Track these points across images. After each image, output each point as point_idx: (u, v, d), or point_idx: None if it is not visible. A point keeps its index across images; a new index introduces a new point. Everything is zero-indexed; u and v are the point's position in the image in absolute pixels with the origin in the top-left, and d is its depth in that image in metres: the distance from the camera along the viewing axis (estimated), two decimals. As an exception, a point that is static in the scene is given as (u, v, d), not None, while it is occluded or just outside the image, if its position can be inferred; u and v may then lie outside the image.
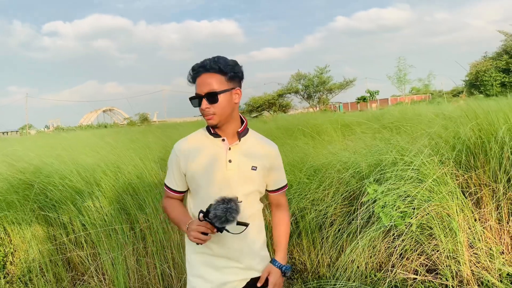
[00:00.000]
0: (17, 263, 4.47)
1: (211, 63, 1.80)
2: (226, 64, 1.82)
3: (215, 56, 1.84)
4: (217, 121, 1.84)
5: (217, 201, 1.64)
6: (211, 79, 1.80)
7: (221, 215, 1.60)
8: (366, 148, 3.97)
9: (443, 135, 3.78)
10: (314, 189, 3.58)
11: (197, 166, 1.89)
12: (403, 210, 3.03)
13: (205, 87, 1.80)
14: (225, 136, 1.90)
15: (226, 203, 1.62)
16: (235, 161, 1.87)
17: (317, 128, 8.52)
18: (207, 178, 1.87)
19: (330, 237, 3.41)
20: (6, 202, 4.64)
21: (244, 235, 1.84)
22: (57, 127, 60.77)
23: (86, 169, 4.82)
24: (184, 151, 1.93)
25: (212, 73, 1.81)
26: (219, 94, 1.80)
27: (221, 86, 1.81)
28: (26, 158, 5.93)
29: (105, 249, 3.83)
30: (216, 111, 1.81)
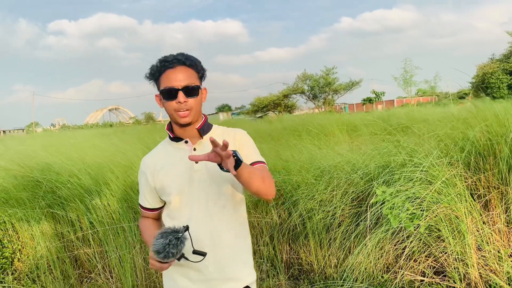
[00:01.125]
0: (24, 260, 4.50)
1: (184, 57, 1.72)
2: (198, 61, 1.76)
3: (183, 53, 1.75)
4: (191, 118, 1.72)
5: (158, 234, 1.55)
6: (188, 73, 1.71)
7: (159, 250, 1.51)
8: (374, 150, 3.97)
9: (452, 136, 3.77)
10: (322, 190, 3.58)
11: (164, 176, 1.79)
12: (411, 212, 3.03)
13: (183, 80, 1.68)
14: (188, 137, 1.78)
15: (165, 237, 1.52)
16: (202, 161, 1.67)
17: (323, 129, 8.52)
18: (176, 184, 1.77)
19: (337, 238, 3.41)
20: (15, 199, 4.68)
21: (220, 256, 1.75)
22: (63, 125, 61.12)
23: (94, 167, 4.85)
24: (149, 165, 1.84)
25: (187, 67, 1.72)
26: (198, 89, 1.73)
27: (196, 82, 1.73)
28: (34, 156, 5.97)
29: (112, 247, 3.85)
30: (193, 107, 1.71)
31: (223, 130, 1.87)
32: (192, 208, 1.76)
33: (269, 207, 3.94)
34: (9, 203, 4.67)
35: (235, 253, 1.81)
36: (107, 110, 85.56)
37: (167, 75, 1.70)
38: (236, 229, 1.83)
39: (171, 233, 1.53)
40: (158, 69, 1.72)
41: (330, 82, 42.90)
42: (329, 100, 44.48)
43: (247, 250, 1.89)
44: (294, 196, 3.64)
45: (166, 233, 1.53)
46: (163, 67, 1.70)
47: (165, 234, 1.53)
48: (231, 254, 1.79)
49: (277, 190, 3.91)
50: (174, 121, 1.76)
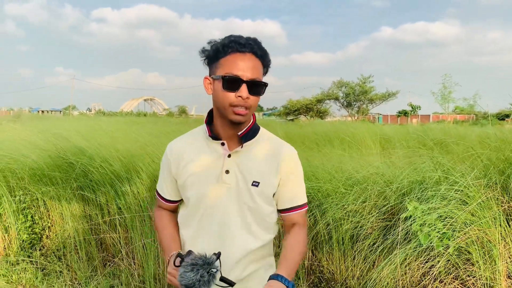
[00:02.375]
0: (53, 237, 4.64)
1: (258, 46, 1.43)
2: (267, 53, 1.48)
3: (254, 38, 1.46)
4: (247, 118, 1.45)
5: (186, 263, 1.33)
6: (257, 64, 1.43)
7: (188, 285, 1.29)
8: (409, 164, 3.88)
9: (493, 157, 3.64)
10: (352, 201, 3.53)
11: (188, 174, 1.53)
12: (442, 231, 2.95)
13: (251, 72, 1.39)
14: (226, 138, 1.50)
15: (195, 271, 1.30)
16: (233, 172, 1.48)
17: (355, 138, 8.40)
18: (197, 190, 1.51)
19: (363, 250, 3.35)
20: (49, 178, 4.82)
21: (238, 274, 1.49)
22: (99, 110, 62.71)
23: (126, 155, 4.94)
24: (177, 153, 1.57)
25: (256, 58, 1.43)
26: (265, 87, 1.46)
27: (262, 78, 1.46)
28: (70, 138, 6.14)
29: (138, 234, 3.92)
30: (252, 106, 1.43)
31: (270, 142, 1.57)
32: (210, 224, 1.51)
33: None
34: (43, 181, 4.82)
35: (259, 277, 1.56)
36: (143, 100, 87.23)
37: (235, 59, 1.40)
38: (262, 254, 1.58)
39: (203, 266, 1.31)
40: (224, 48, 1.41)
41: (366, 90, 42.35)
42: (363, 109, 43.92)
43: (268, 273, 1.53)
44: (324, 204, 3.60)
45: (197, 266, 1.31)
46: (232, 49, 1.40)
47: (195, 267, 1.31)
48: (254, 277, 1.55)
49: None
50: (224, 115, 1.45)
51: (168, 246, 1.56)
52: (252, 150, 1.52)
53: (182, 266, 1.33)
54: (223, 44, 1.41)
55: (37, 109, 77.43)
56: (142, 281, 3.73)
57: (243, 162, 1.50)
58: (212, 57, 1.46)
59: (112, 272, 4.02)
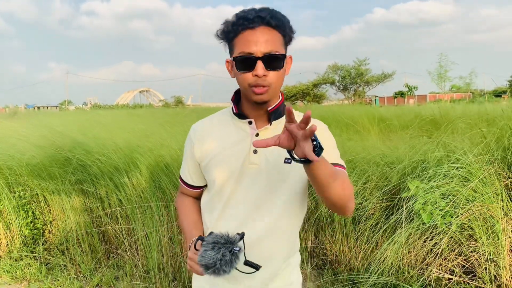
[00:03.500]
0: (55, 232, 4.64)
1: (270, 15, 1.31)
2: (286, 20, 1.35)
3: (267, 8, 1.34)
4: (269, 96, 1.35)
5: (207, 242, 1.23)
6: (273, 36, 1.31)
7: (208, 265, 1.20)
8: (409, 143, 3.87)
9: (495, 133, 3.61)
10: (353, 183, 3.52)
11: (213, 155, 1.44)
12: (444, 208, 2.95)
13: (265, 46, 1.29)
14: (254, 117, 1.42)
15: (217, 249, 1.20)
16: (262, 151, 1.38)
17: (353, 120, 8.39)
18: (223, 172, 1.42)
19: (366, 231, 3.35)
20: (47, 173, 4.80)
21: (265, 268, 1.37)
22: (95, 104, 62.44)
23: (124, 147, 4.92)
24: (200, 134, 1.50)
25: (272, 29, 1.32)
26: (283, 60, 1.34)
27: (282, 49, 1.35)
28: (67, 133, 6.11)
29: (139, 225, 3.92)
30: (274, 82, 1.33)
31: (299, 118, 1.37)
32: (239, 205, 1.43)
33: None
34: (41, 176, 4.80)
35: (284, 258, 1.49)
36: (138, 91, 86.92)
37: (246, 36, 1.31)
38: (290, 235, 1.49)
39: (225, 245, 1.21)
40: (234, 27, 1.33)
41: (362, 73, 42.25)
42: (360, 92, 43.85)
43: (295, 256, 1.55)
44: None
45: (219, 244, 1.22)
46: (241, 26, 1.31)
47: (217, 245, 1.21)
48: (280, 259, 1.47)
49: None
50: (247, 97, 1.38)
51: (189, 233, 1.49)
52: (280, 127, 1.39)
53: (203, 245, 1.23)
54: (232, 23, 1.33)
55: (33, 105, 77.16)
56: (146, 271, 3.74)
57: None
58: (226, 38, 1.39)
59: (116, 264, 4.03)
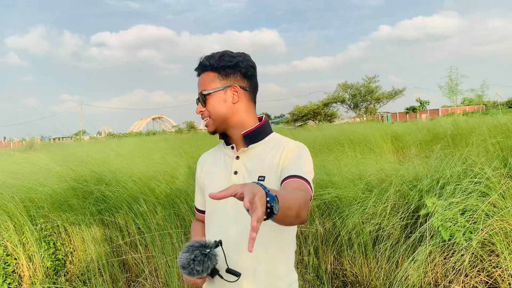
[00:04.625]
0: (76, 262, 4.69)
1: (204, 60, 1.57)
2: (220, 58, 1.54)
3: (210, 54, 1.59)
4: (213, 126, 1.57)
5: (184, 247, 1.42)
6: (203, 79, 1.58)
7: (184, 265, 1.37)
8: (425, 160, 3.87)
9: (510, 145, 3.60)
10: (372, 203, 3.52)
11: (206, 180, 1.68)
12: (464, 224, 2.93)
13: (199, 88, 1.58)
14: (234, 142, 1.61)
15: (190, 251, 1.38)
16: (240, 172, 1.55)
17: (366, 139, 8.39)
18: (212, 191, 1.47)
19: (386, 250, 3.34)
20: (68, 205, 4.89)
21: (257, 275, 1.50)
22: (109, 133, 63.23)
23: (141, 175, 5.00)
24: (201, 163, 1.75)
25: (206, 72, 1.57)
26: (207, 96, 1.55)
27: (212, 85, 1.54)
28: (84, 164, 6.22)
29: (159, 252, 3.95)
30: (212, 113, 1.55)
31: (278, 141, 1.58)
32: (225, 221, 1.56)
33: (313, 217, 3.91)
34: (62, 208, 4.89)
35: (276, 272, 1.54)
36: (151, 119, 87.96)
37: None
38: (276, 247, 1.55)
39: (198, 248, 1.40)
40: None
41: (372, 90, 42.24)
42: (371, 109, 43.77)
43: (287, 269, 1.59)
44: (343, 211, 3.60)
45: (193, 247, 1.40)
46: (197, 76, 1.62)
47: (191, 248, 1.40)
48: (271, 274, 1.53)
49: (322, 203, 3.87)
50: None
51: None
52: (258, 148, 1.57)
53: (181, 250, 1.41)
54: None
55: (48, 137, 78.34)
56: (168, 298, 3.75)
57: (250, 161, 1.55)
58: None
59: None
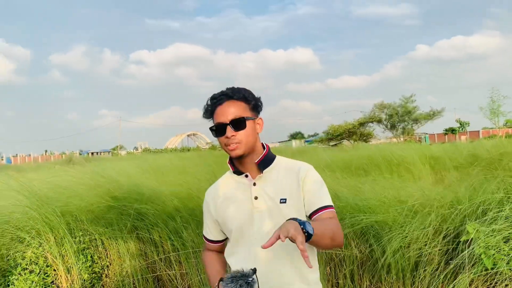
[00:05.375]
0: (111, 276, 4.77)
1: (233, 91, 1.71)
2: (248, 93, 1.75)
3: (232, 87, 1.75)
4: (242, 150, 1.69)
5: (226, 277, 1.52)
6: (236, 106, 1.70)
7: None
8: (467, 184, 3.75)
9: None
10: (414, 228, 3.42)
11: (225, 210, 1.78)
12: (508, 253, 2.80)
13: (230, 114, 1.68)
14: (248, 171, 1.76)
15: (235, 282, 1.48)
16: (261, 197, 1.71)
17: (403, 160, 8.20)
18: (236, 220, 1.74)
19: (426, 277, 3.23)
20: (105, 220, 5.01)
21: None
22: (145, 148, 64.66)
23: (177, 193, 5.07)
24: (212, 196, 1.85)
25: (235, 100, 1.71)
26: (247, 120, 1.69)
27: (246, 113, 1.71)
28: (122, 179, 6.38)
29: (193, 269, 3.97)
30: (242, 139, 1.67)
31: (286, 164, 1.80)
32: (252, 246, 1.70)
33: (348, 240, 3.84)
34: (99, 222, 5.01)
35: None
36: (186, 135, 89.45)
37: (217, 111, 1.71)
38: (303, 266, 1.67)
39: (241, 277, 1.49)
40: (210, 108, 1.74)
41: (410, 110, 41.48)
42: (409, 129, 42.90)
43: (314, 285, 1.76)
44: (381, 236, 3.51)
45: (236, 278, 1.49)
46: (214, 105, 1.72)
47: (235, 278, 1.49)
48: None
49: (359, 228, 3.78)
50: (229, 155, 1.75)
51: (212, 280, 1.81)
52: (273, 173, 1.75)
53: (224, 281, 1.50)
54: (208, 105, 1.75)
55: (87, 151, 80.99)
56: (201, 317, 3.75)
57: (268, 185, 1.72)
58: (208, 118, 1.77)
59: (170, 309, 4.07)
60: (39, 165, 27.77)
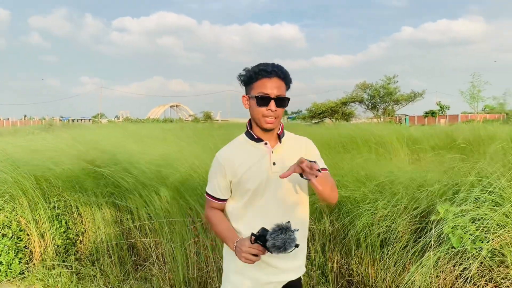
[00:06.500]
0: (86, 242, 4.77)
1: (281, 71, 1.89)
2: (289, 75, 1.94)
3: (277, 64, 1.92)
4: (276, 125, 1.92)
5: (274, 230, 1.66)
6: (281, 84, 1.89)
7: (280, 245, 1.63)
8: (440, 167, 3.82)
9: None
10: (382, 205, 3.49)
11: (243, 172, 1.94)
12: (475, 233, 2.89)
13: (277, 90, 1.87)
14: (267, 139, 1.97)
15: (284, 233, 1.64)
16: (278, 163, 1.94)
17: (382, 140, 8.30)
18: (255, 181, 1.93)
19: (394, 253, 3.31)
20: (81, 185, 4.97)
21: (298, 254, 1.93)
22: (126, 118, 63.85)
23: (154, 163, 5.04)
24: (229, 159, 1.98)
25: (281, 79, 1.90)
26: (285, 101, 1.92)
27: (285, 93, 1.94)
28: (100, 147, 6.31)
29: (167, 239, 3.99)
30: (279, 115, 1.91)
31: (295, 137, 2.09)
32: (268, 203, 1.94)
33: (322, 215, 3.90)
34: (75, 188, 4.97)
35: (301, 248, 1.97)
36: (169, 106, 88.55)
37: (264, 82, 1.87)
38: (303, 225, 2.04)
39: (287, 229, 1.64)
40: (255, 75, 1.88)
41: (391, 91, 41.76)
42: (389, 110, 43.30)
43: (305, 245, 2.11)
44: (352, 212, 3.58)
45: (284, 229, 1.64)
46: (261, 75, 1.87)
47: (284, 229, 1.64)
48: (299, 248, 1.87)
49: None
50: (259, 124, 1.94)
51: (229, 235, 1.95)
52: (287, 143, 2.01)
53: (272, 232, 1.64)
54: (255, 72, 1.89)
55: (68, 117, 79.65)
56: (173, 284, 3.79)
57: (284, 154, 1.96)
58: (247, 82, 1.95)
59: (144, 276, 4.10)
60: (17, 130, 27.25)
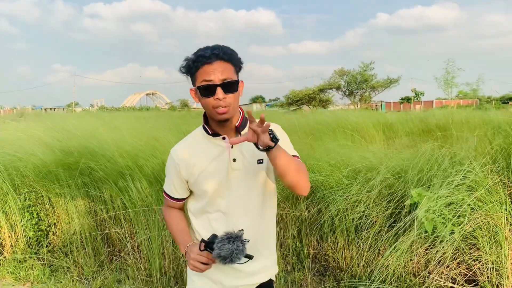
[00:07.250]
0: (59, 234, 4.66)
1: (223, 51, 1.62)
2: (235, 54, 1.67)
3: (219, 45, 1.66)
4: (230, 114, 1.64)
5: (222, 238, 1.54)
6: (226, 68, 1.62)
7: (227, 256, 1.52)
8: (413, 151, 3.86)
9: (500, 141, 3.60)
10: (356, 191, 3.51)
11: (200, 171, 1.73)
12: (447, 217, 2.94)
13: (221, 74, 1.59)
14: (225, 133, 1.72)
15: (232, 242, 1.53)
16: (239, 158, 1.71)
17: (358, 126, 8.37)
18: (214, 182, 1.72)
19: (369, 238, 3.35)
20: (53, 175, 4.84)
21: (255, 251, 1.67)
22: (101, 106, 62.74)
23: (129, 151, 4.94)
24: (183, 157, 1.77)
25: (225, 62, 1.62)
26: (235, 85, 1.64)
27: (234, 76, 1.65)
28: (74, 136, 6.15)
29: (142, 228, 3.93)
30: (231, 103, 1.62)
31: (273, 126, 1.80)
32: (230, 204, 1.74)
33: (298, 201, 3.91)
34: (48, 178, 4.83)
35: (268, 248, 1.85)
36: (145, 94, 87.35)
37: (205, 69, 1.60)
38: (269, 222, 1.85)
39: (236, 238, 1.54)
40: (194, 64, 1.62)
41: (367, 78, 42.17)
42: (366, 97, 43.76)
43: (274, 244, 1.92)
44: (327, 197, 3.60)
45: (232, 238, 1.54)
46: (200, 62, 1.60)
47: (231, 239, 1.54)
48: (265, 248, 1.82)
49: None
50: (212, 117, 1.68)
51: (182, 239, 1.80)
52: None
53: (219, 241, 1.54)
54: (193, 60, 1.62)
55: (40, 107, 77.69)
56: (149, 274, 3.75)
57: (245, 148, 1.71)
58: (189, 72, 1.67)
59: (119, 267, 4.05)
60: (-14, 119, 26.44)
